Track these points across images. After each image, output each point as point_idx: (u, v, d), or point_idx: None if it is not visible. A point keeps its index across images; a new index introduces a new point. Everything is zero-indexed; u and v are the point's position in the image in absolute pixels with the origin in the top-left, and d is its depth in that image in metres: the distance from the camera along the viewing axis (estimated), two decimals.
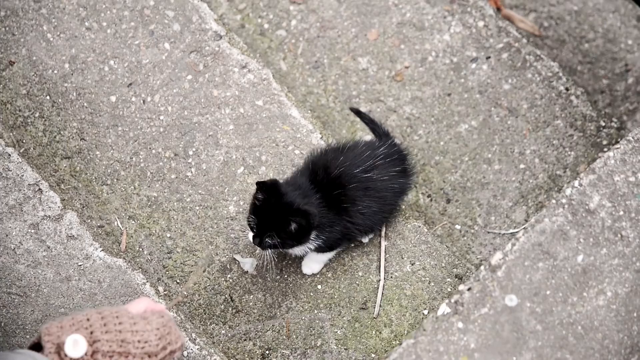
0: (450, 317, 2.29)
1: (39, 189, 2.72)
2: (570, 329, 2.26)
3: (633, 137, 2.46)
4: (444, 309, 2.30)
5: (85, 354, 1.78)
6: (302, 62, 3.24)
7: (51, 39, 3.01)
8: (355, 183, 2.60)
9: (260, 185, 2.49)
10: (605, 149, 3.10)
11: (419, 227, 2.86)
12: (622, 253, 2.32)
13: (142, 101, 2.95)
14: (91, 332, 1.81)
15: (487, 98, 3.15)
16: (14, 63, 2.98)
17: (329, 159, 2.64)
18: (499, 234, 3.04)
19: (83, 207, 2.85)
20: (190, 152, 2.91)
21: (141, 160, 2.91)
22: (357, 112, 2.97)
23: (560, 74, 3.18)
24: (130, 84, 2.97)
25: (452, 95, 3.16)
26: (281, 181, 2.58)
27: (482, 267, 2.35)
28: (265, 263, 2.76)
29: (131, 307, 1.93)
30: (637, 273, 2.30)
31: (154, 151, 2.92)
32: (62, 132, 2.94)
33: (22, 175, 2.73)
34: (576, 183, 2.41)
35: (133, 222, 2.86)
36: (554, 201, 2.40)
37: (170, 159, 2.91)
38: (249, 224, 2.54)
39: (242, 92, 2.96)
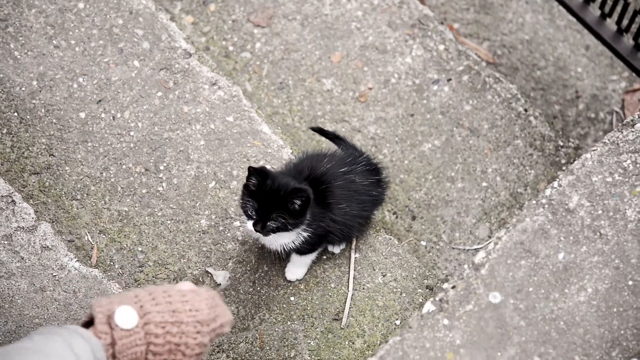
0: (435, 314, 2.32)
1: (12, 201, 2.70)
2: (552, 325, 2.31)
3: (609, 140, 2.54)
4: (428, 306, 2.33)
5: (137, 326, 1.78)
6: (267, 83, 3.28)
7: (18, 57, 3.01)
8: (340, 181, 2.64)
9: (253, 169, 2.49)
10: (564, 168, 3.19)
11: (390, 239, 2.90)
12: (601, 250, 2.39)
13: (111, 117, 2.96)
14: (141, 306, 1.81)
15: (449, 118, 3.23)
16: None
17: (313, 160, 2.68)
18: (464, 249, 3.10)
19: (53, 222, 2.83)
20: (161, 167, 2.92)
21: (111, 176, 2.91)
22: (320, 131, 3.01)
23: (519, 96, 3.28)
24: (100, 101, 2.98)
25: (415, 116, 3.23)
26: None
27: (465, 266, 2.40)
28: (271, 251, 2.76)
29: (176, 286, 1.94)
30: (616, 270, 2.37)
31: (124, 166, 2.92)
32: (30, 148, 2.92)
33: None
34: (555, 184, 2.48)
35: (104, 236, 2.85)
36: (534, 201, 2.47)
37: (141, 174, 2.91)
38: (246, 211, 2.54)
39: (213, 108, 2.99)
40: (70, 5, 3.07)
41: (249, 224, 2.54)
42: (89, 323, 1.83)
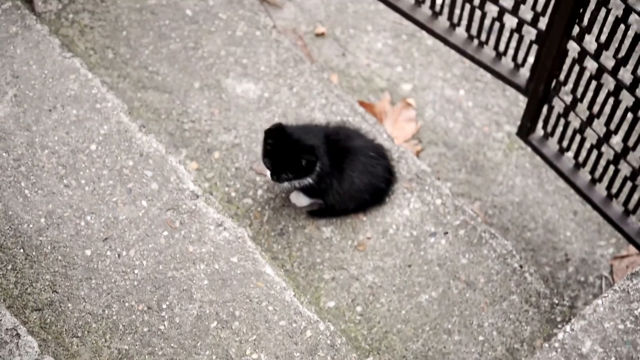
0: None
1: (17, 334, 2.68)
2: None
3: (619, 287, 2.59)
4: None
5: None
6: (267, 229, 3.34)
7: (28, 195, 3.05)
8: (361, 157, 3.22)
9: (268, 132, 3.01)
10: (560, 326, 3.23)
11: None
12: None
13: (117, 255, 2.99)
14: None
15: (446, 271, 3.29)
16: None
17: (339, 129, 3.29)
18: None
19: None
20: (164, 306, 2.92)
21: (114, 313, 2.91)
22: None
23: (514, 252, 3.35)
24: (106, 239, 3.01)
25: (412, 267, 3.29)
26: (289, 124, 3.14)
27: None
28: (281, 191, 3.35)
29: None
30: None
31: (127, 304, 2.92)
32: (34, 284, 2.93)
33: (1, 320, 2.70)
34: (568, 328, 2.51)
35: None
36: (546, 345, 2.49)
37: (144, 312, 2.92)
38: (266, 165, 3.10)
39: (218, 248, 3.03)
40: (82, 146, 3.14)
41: (268, 174, 3.10)
42: None
